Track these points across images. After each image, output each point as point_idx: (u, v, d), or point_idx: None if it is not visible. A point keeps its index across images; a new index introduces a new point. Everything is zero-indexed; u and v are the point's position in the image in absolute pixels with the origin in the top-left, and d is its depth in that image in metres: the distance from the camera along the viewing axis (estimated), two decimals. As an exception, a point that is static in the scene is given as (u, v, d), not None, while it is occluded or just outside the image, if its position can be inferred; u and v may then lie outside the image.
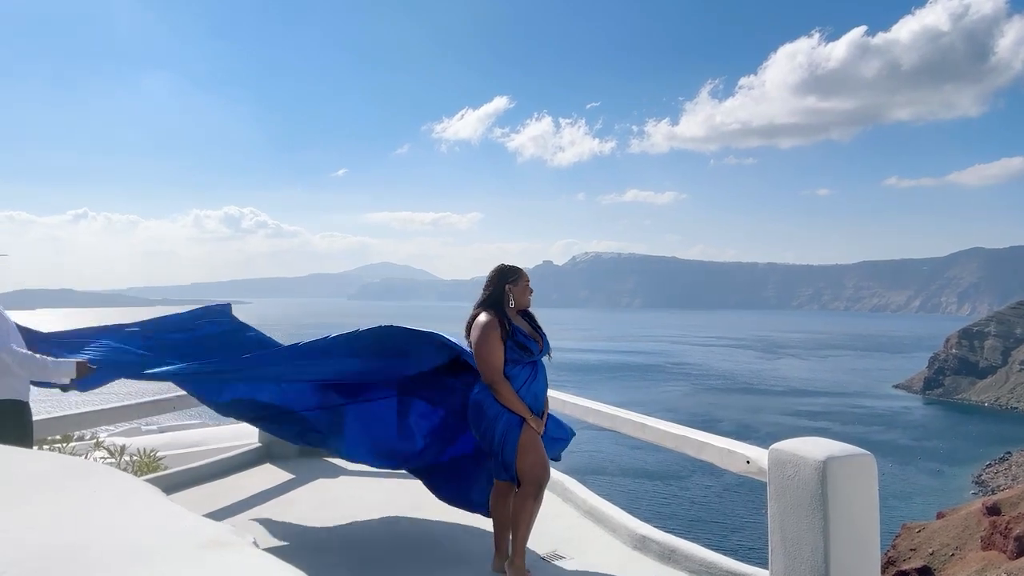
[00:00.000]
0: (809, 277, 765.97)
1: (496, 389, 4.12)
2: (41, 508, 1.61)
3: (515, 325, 4.23)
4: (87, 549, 1.33)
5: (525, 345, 4.20)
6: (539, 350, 4.27)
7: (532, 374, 4.24)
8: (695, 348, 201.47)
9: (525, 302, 4.33)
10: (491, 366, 4.13)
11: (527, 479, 4.15)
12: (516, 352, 4.18)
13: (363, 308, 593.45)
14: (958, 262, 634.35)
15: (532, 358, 4.24)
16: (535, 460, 4.15)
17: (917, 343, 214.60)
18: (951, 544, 47.81)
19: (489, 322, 4.17)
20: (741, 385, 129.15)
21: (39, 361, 4.47)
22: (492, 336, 4.14)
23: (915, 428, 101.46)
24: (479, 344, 4.16)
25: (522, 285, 4.32)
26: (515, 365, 4.18)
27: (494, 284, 4.30)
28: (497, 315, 4.21)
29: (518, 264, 4.44)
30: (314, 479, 6.37)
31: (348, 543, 4.96)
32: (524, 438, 4.13)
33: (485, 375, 4.15)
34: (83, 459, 2.18)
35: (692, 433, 4.43)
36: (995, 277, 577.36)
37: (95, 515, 1.55)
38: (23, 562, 1.23)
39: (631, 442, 5.55)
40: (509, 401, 4.11)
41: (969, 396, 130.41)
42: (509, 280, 4.30)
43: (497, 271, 4.36)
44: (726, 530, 51.97)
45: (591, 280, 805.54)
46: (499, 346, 4.14)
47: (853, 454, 3.37)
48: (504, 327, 4.17)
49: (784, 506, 3.47)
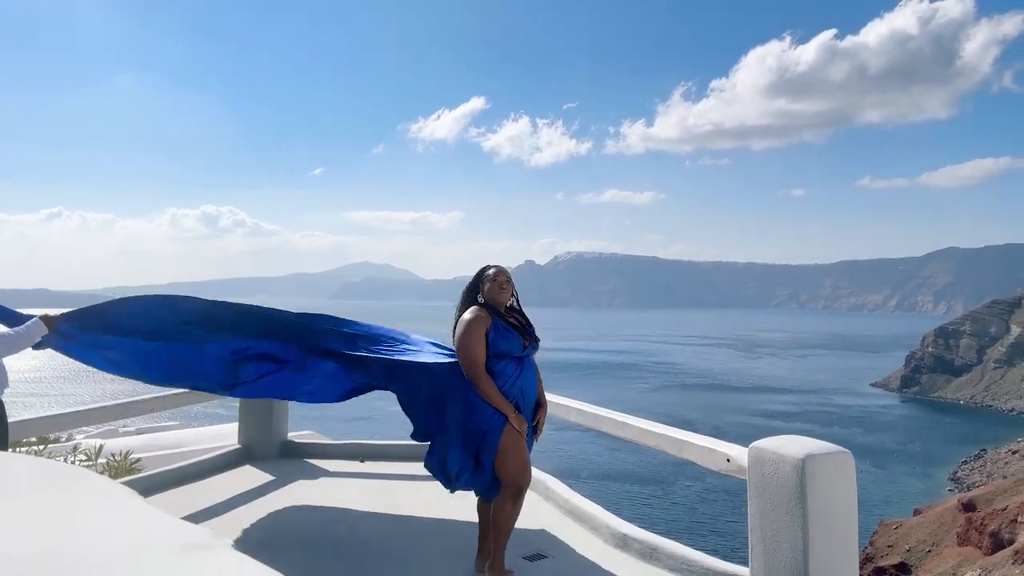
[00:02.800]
0: (787, 276, 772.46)
1: (476, 384, 4.08)
2: (16, 512, 1.58)
3: (498, 320, 4.20)
4: (63, 554, 1.31)
5: (508, 339, 4.17)
6: (523, 346, 4.23)
7: (518, 370, 4.20)
8: (675, 347, 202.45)
9: (499, 300, 4.26)
10: (470, 360, 4.11)
11: (507, 482, 4.11)
12: (499, 347, 4.15)
13: (344, 308, 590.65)
14: (934, 262, 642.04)
15: (517, 354, 4.21)
16: (516, 463, 4.11)
17: (894, 342, 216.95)
18: (928, 540, 48.40)
19: (472, 318, 4.16)
20: (720, 384, 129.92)
21: (11, 337, 4.39)
22: (473, 331, 4.13)
23: (892, 426, 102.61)
24: (460, 338, 4.16)
25: (489, 284, 4.26)
26: (499, 360, 4.16)
27: (470, 285, 4.35)
28: (480, 311, 4.20)
29: (500, 263, 4.43)
30: (294, 480, 6.34)
31: (328, 544, 4.93)
32: (506, 439, 4.08)
33: (465, 369, 4.12)
34: (59, 462, 2.14)
35: (672, 432, 4.44)
36: (970, 276, 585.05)
37: (71, 519, 1.54)
38: (0, 567, 1.22)
39: (610, 441, 5.56)
40: (489, 396, 4.06)
41: (945, 394, 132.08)
42: (480, 279, 4.32)
43: (476, 272, 4.39)
44: (706, 530, 52.26)
45: (573, 280, 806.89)
46: (480, 341, 4.11)
47: (831, 452, 3.40)
48: (486, 322, 4.15)
49: (764, 504, 3.49)
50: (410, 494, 6.00)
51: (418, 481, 6.44)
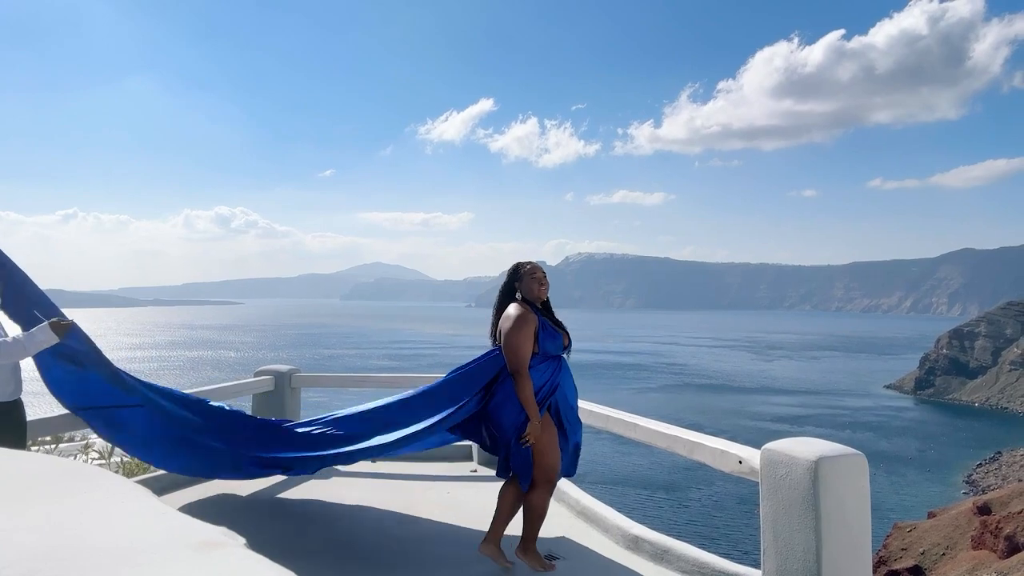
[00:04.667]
0: (800, 278, 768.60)
1: (518, 380, 4.16)
2: (33, 509, 1.60)
3: (543, 318, 4.30)
4: (79, 551, 1.31)
5: (554, 338, 4.27)
6: (565, 345, 4.34)
7: (557, 369, 4.31)
8: (686, 348, 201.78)
9: (536, 295, 4.35)
10: (520, 357, 4.17)
11: (546, 476, 4.26)
12: (546, 347, 4.24)
13: (356, 308, 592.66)
14: (948, 263, 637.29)
15: (559, 353, 4.32)
16: (552, 460, 4.26)
17: (908, 344, 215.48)
18: (942, 543, 48.01)
19: (523, 314, 4.23)
20: (733, 385, 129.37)
21: (10, 345, 4.26)
22: (525, 329, 4.20)
23: (906, 428, 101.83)
24: (510, 334, 4.20)
25: (527, 280, 4.35)
26: (542, 360, 4.24)
27: (506, 283, 4.42)
28: (527, 308, 4.27)
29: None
30: (307, 480, 6.35)
31: (340, 544, 4.95)
32: (546, 439, 4.21)
33: (511, 363, 4.19)
34: (74, 460, 2.16)
35: (684, 433, 4.44)
36: (985, 278, 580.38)
37: (87, 517, 1.54)
38: (16, 564, 1.22)
39: (621, 443, 5.56)
40: (525, 397, 4.15)
41: (960, 396, 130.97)
42: (516, 277, 4.39)
43: (510, 268, 4.46)
44: (717, 532, 52.05)
45: (584, 280, 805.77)
46: (530, 339, 4.20)
47: (845, 454, 3.39)
48: (535, 321, 4.23)
49: (776, 506, 3.48)
50: (421, 494, 6.02)
51: (429, 481, 6.46)
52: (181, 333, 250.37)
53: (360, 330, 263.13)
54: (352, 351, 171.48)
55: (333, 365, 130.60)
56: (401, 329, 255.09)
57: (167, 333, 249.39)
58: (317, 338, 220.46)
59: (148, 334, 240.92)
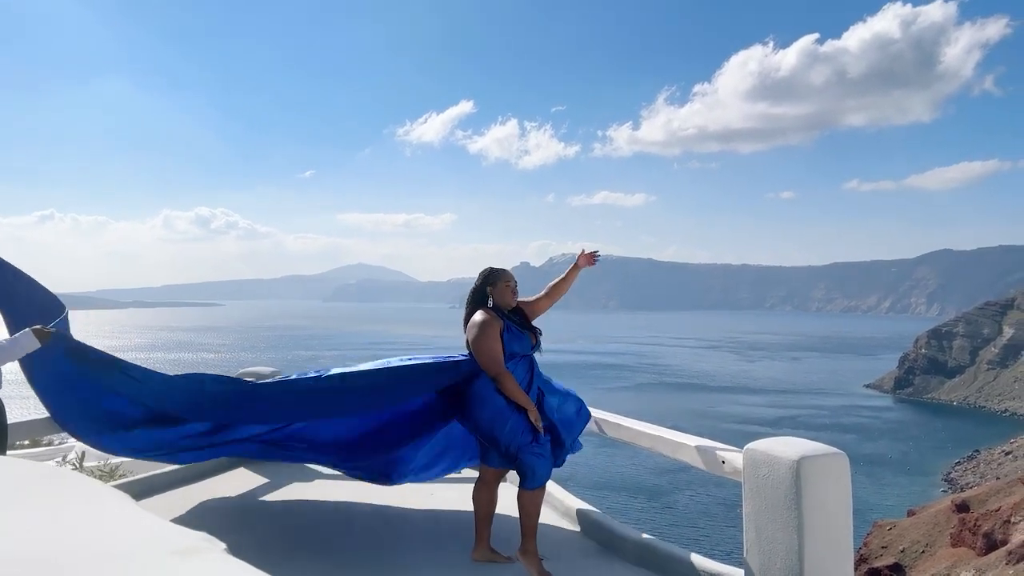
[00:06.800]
0: (781, 279, 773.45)
1: (500, 382, 4.26)
2: (11, 515, 1.57)
3: (508, 320, 4.41)
4: (56, 557, 1.30)
5: (520, 339, 4.39)
6: (532, 344, 4.46)
7: (529, 369, 4.44)
8: (669, 349, 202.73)
9: (506, 302, 4.47)
10: (493, 359, 4.27)
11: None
12: (512, 347, 4.35)
13: (340, 310, 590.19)
14: (926, 264, 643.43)
15: (527, 352, 4.44)
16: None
17: (887, 343, 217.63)
18: (921, 541, 48.52)
19: (486, 320, 4.35)
20: (715, 385, 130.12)
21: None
22: (489, 331, 4.31)
23: (886, 427, 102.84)
24: (478, 340, 4.31)
25: (500, 287, 4.46)
26: (510, 360, 4.34)
27: (477, 288, 4.51)
28: (490, 313, 4.40)
29: (496, 266, 4.57)
30: (288, 483, 6.31)
31: (323, 548, 4.92)
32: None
33: (489, 369, 4.29)
34: (53, 465, 2.14)
35: (667, 433, 4.46)
36: (962, 279, 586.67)
37: (64, 522, 1.53)
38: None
39: (605, 443, 5.59)
40: (513, 393, 4.25)
41: (938, 395, 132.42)
42: (489, 283, 4.48)
43: (480, 275, 4.54)
44: (700, 532, 52.30)
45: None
46: (497, 339, 4.30)
47: (826, 453, 3.42)
48: (499, 324, 4.35)
49: (758, 505, 3.50)
50: (405, 495, 5.99)
51: (413, 482, 6.43)
52: (161, 335, 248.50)
53: (341, 332, 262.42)
54: (332, 353, 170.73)
55: (314, 367, 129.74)
56: (382, 331, 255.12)
57: (147, 335, 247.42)
58: (298, 340, 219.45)
59: (128, 336, 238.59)
